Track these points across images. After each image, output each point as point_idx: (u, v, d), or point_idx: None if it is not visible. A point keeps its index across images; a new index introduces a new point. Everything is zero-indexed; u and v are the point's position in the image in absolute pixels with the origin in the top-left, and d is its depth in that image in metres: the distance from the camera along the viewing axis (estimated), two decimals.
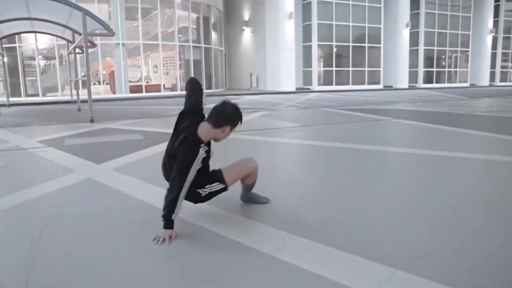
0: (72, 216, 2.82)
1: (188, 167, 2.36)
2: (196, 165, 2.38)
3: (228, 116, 2.52)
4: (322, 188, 3.51)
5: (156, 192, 3.15)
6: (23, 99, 19.42)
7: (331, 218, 2.68)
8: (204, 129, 2.49)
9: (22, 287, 1.82)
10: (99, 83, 20.88)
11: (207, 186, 2.58)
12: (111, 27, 10.16)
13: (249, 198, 2.96)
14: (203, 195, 2.60)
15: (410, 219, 2.64)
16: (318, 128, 7.52)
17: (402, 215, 2.72)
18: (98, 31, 10.60)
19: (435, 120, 8.29)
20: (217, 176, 2.63)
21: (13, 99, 18.07)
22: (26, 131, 7.75)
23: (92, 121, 8.86)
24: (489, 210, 2.81)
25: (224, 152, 3.49)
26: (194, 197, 2.59)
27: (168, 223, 2.35)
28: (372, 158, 4.79)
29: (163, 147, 5.40)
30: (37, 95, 20.20)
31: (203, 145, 2.43)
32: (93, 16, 8.84)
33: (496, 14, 32.40)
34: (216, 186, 2.62)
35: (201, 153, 2.40)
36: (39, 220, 2.72)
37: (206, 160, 2.51)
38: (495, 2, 31.82)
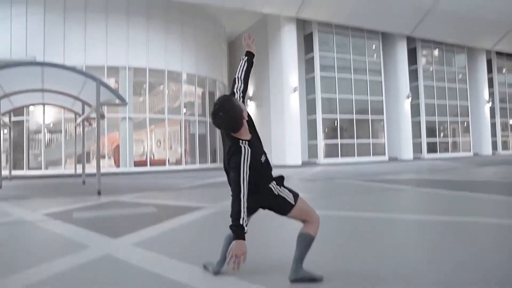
0: None
1: (238, 166, 2.36)
2: (246, 160, 2.36)
3: (233, 115, 2.46)
4: (377, 261, 3.04)
5: (187, 270, 2.69)
6: (25, 172, 19.14)
7: None
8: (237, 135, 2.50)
9: None
10: (103, 157, 20.70)
11: (282, 188, 2.58)
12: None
13: (300, 273, 2.55)
14: (275, 192, 2.54)
15: None
16: (340, 199, 7.10)
17: None
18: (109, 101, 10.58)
19: (452, 187, 7.92)
20: (293, 192, 2.62)
21: (15, 172, 17.78)
22: (30, 204, 7.32)
23: (99, 193, 8.44)
24: None
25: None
26: (266, 196, 2.53)
27: (239, 231, 2.29)
28: (415, 227, 4.34)
29: (180, 220, 5.03)
30: (40, 168, 19.91)
31: (241, 141, 2.45)
32: (107, 86, 8.80)
33: (491, 85, 33.40)
34: (287, 195, 2.58)
35: (245, 148, 2.41)
36: None
37: (256, 156, 2.46)
38: (488, 74, 32.94)
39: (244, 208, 2.29)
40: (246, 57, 2.95)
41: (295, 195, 2.61)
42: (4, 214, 6.06)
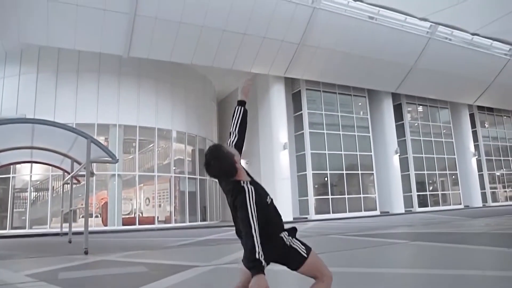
0: None
1: (245, 203, 2.29)
2: (251, 197, 2.30)
3: (225, 162, 2.40)
4: None
5: None
6: (7, 231, 18.51)
7: None
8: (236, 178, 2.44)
9: None
10: (91, 215, 20.21)
11: (294, 239, 2.50)
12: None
13: None
14: (287, 243, 2.46)
15: None
16: (334, 255, 6.92)
17: None
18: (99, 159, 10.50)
19: (446, 240, 7.81)
20: (305, 245, 2.53)
21: None
22: (12, 264, 6.98)
23: (86, 253, 8.13)
24: None
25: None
26: (277, 246, 2.44)
27: (257, 265, 2.17)
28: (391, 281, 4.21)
29: (175, 279, 4.82)
30: (24, 227, 19.29)
31: (242, 181, 2.39)
32: (98, 143, 8.77)
33: (476, 139, 34.15)
34: (300, 247, 2.49)
35: (248, 187, 2.35)
36: None
37: (261, 195, 2.41)
38: (472, 128, 33.82)
39: (258, 243, 2.20)
40: (239, 106, 2.85)
41: (308, 248, 2.53)
42: None
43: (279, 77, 23.38)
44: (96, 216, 20.80)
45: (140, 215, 21.41)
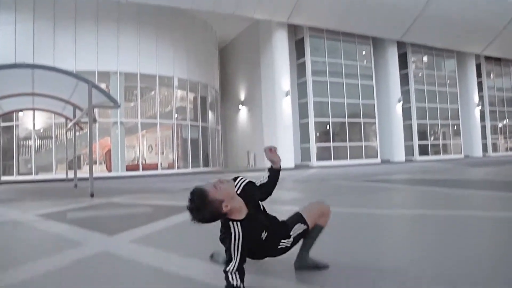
0: None
1: (229, 249, 2.17)
2: (237, 243, 2.16)
3: (207, 211, 2.22)
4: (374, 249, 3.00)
5: (186, 263, 2.63)
6: (15, 177, 18.86)
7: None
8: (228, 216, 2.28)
9: None
10: (95, 163, 20.48)
11: (291, 233, 2.46)
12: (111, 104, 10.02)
13: (306, 261, 2.54)
14: (289, 245, 2.46)
15: None
16: (336, 198, 7.05)
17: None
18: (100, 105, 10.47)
19: (447, 185, 7.94)
20: (298, 218, 2.53)
21: (5, 178, 17.54)
22: (21, 206, 7.17)
23: (92, 195, 8.32)
24: None
25: None
26: (282, 251, 2.46)
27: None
28: (392, 220, 4.32)
29: (177, 218, 4.95)
30: (30, 174, 19.64)
31: (232, 222, 2.22)
32: (99, 88, 8.70)
33: (480, 89, 33.78)
34: (299, 228, 2.49)
35: (235, 231, 2.19)
36: None
37: (252, 235, 2.24)
38: (478, 78, 33.36)
39: (234, 275, 2.10)
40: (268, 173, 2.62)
41: (299, 217, 2.54)
42: None
43: (282, 24, 22.76)
44: (100, 164, 21.06)
45: (144, 162, 21.67)
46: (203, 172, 20.25)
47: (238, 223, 2.20)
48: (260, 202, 2.46)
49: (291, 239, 2.45)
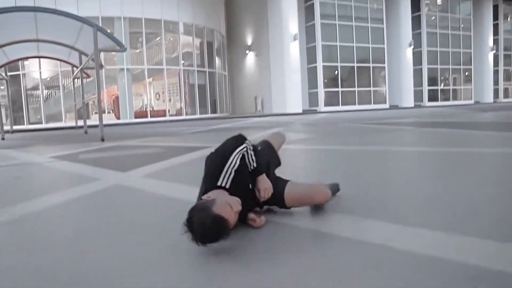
0: (107, 218, 2.36)
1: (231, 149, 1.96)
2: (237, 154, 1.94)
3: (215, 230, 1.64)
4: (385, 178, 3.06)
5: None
6: (25, 126, 19.10)
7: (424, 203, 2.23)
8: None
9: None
10: (103, 111, 20.58)
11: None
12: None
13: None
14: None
15: None
16: (344, 138, 7.09)
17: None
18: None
19: (456, 127, 7.92)
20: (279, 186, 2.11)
21: (16, 127, 17.78)
22: (35, 150, 7.32)
23: (103, 139, 8.44)
24: None
25: None
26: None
27: (258, 167, 1.99)
28: (404, 156, 4.37)
29: (187, 157, 5.05)
30: (40, 122, 19.87)
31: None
32: (104, 31, 8.55)
33: (496, 33, 32.69)
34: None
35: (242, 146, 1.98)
36: (73, 223, 2.26)
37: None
38: (494, 21, 32.17)
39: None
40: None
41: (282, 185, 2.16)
42: (10, 158, 6.09)
43: None
44: (109, 112, 21.17)
45: (152, 109, 21.74)
46: (210, 118, 20.33)
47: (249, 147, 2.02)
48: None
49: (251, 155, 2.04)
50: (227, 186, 1.89)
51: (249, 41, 26.57)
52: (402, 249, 1.59)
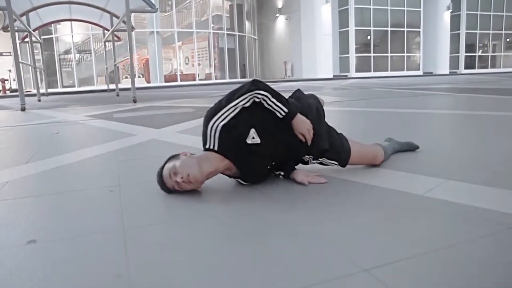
0: (145, 166, 2.42)
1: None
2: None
3: None
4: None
5: None
6: (59, 89, 19.58)
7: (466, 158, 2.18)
8: None
9: (120, 232, 1.41)
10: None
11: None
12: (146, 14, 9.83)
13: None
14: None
15: None
16: (378, 101, 6.94)
17: None
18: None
19: (496, 93, 7.60)
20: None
21: (50, 90, 18.25)
22: (70, 110, 7.52)
23: (135, 101, 8.57)
24: None
25: None
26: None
27: (291, 108, 1.76)
28: (445, 118, 4.24)
29: None
30: (73, 86, 20.32)
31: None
32: None
33: None
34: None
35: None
36: (115, 171, 2.34)
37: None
38: None
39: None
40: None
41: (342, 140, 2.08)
42: (48, 117, 6.28)
43: None
44: (139, 76, 21.37)
45: (181, 73, 21.81)
46: (240, 83, 20.21)
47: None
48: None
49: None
50: (215, 149, 1.75)
51: (279, 4, 25.93)
52: (440, 199, 1.57)
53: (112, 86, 14.32)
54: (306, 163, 2.01)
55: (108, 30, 13.13)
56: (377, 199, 1.66)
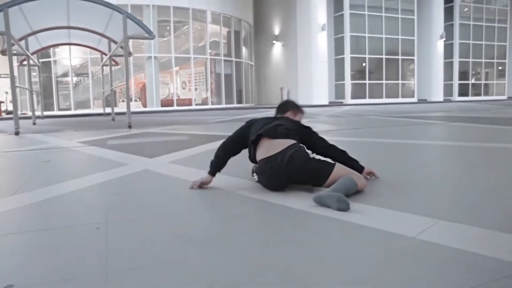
0: (135, 201, 2.38)
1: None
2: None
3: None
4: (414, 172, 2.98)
5: (224, 179, 2.71)
6: (55, 112, 19.60)
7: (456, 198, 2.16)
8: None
9: (102, 278, 1.36)
10: (130, 99, 20.92)
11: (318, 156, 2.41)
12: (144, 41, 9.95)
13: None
14: (310, 156, 2.39)
15: None
16: (372, 130, 6.96)
17: None
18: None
19: (488, 122, 7.65)
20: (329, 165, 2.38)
21: (46, 113, 18.25)
22: (65, 135, 7.49)
23: (130, 127, 8.57)
24: None
25: None
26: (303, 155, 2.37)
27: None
28: (436, 150, 4.24)
29: (214, 145, 5.05)
30: (69, 109, 20.35)
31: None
32: (133, 19, 8.63)
33: None
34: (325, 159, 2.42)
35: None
36: (103, 205, 2.29)
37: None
38: None
39: None
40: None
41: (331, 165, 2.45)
42: (41, 142, 6.25)
43: None
44: (136, 100, 21.48)
45: (178, 97, 21.93)
46: (236, 108, 20.35)
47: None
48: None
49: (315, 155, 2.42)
50: None
51: (276, 31, 26.38)
52: (432, 242, 1.54)
53: (109, 110, 14.34)
54: None
55: (106, 55, 13.26)
56: (365, 241, 1.62)
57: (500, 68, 29.84)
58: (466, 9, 28.13)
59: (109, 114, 13.87)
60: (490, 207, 2.07)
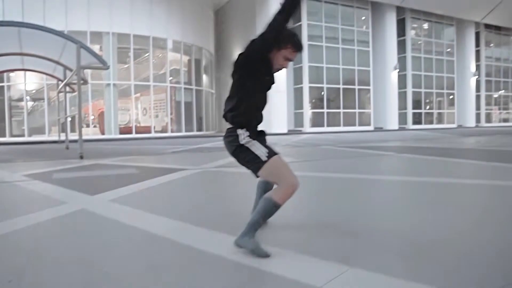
0: (62, 249, 2.35)
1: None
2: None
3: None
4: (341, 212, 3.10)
5: (164, 223, 2.72)
6: (7, 139, 18.87)
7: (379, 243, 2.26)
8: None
9: None
10: (87, 125, 20.48)
11: (255, 142, 2.29)
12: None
13: (247, 242, 2.11)
14: (241, 142, 2.28)
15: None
16: (322, 163, 7.16)
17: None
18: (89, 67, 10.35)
19: (437, 153, 8.05)
20: (270, 150, 2.28)
21: None
22: (10, 167, 7.23)
23: (81, 157, 8.38)
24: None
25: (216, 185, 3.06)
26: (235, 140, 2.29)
27: None
28: (379, 186, 4.43)
29: (160, 180, 5.05)
30: (23, 135, 19.66)
31: None
32: (87, 49, 8.58)
33: (478, 59, 33.56)
34: (259, 149, 2.27)
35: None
36: (25, 253, 2.24)
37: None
38: (476, 47, 33.05)
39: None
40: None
41: (271, 153, 2.24)
42: None
43: None
44: (94, 126, 21.06)
45: (138, 124, 21.68)
46: (196, 136, 20.33)
47: None
48: None
49: (252, 141, 2.30)
50: None
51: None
52: None
53: (64, 137, 13.97)
54: None
55: (62, 81, 13.02)
56: None
57: (451, 97, 31.52)
58: (418, 42, 29.75)
59: (63, 141, 13.51)
60: (411, 250, 2.17)
